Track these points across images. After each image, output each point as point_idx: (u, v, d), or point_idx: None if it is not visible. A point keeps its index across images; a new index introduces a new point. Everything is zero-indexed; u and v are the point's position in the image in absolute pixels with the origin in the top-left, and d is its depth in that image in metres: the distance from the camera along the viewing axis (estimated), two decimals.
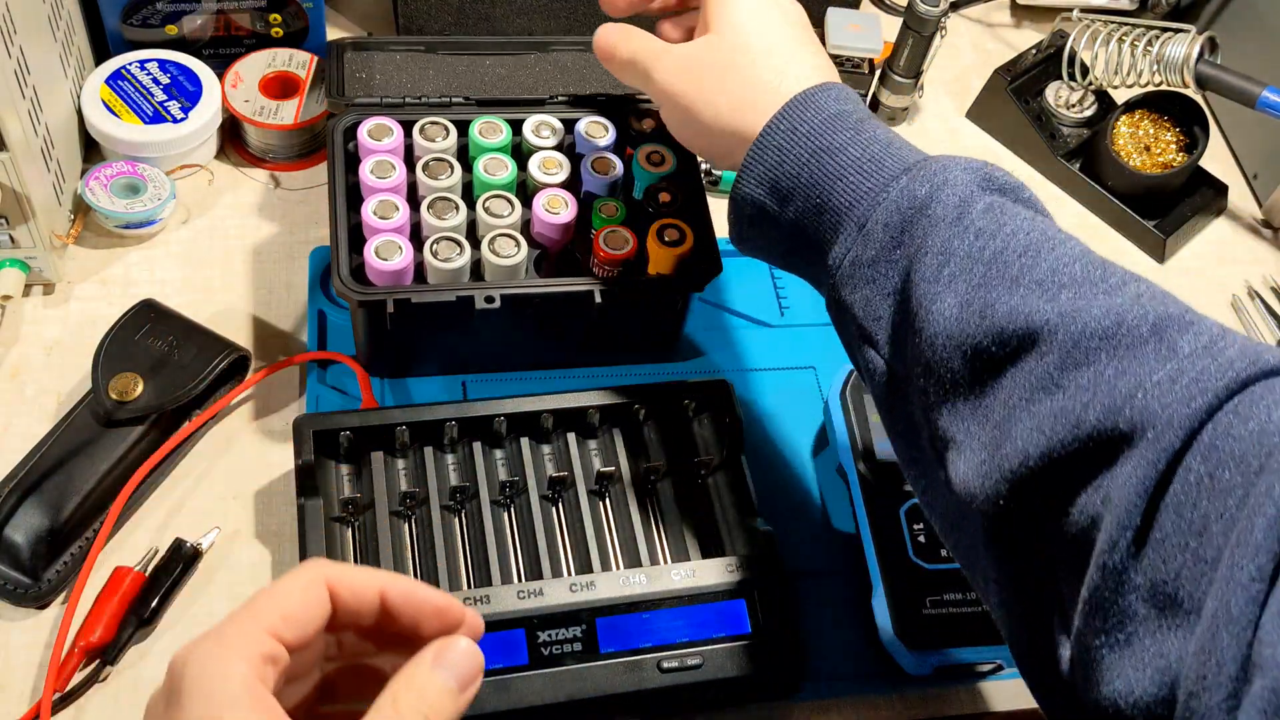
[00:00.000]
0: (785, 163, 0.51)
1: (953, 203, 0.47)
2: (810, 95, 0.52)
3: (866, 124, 0.52)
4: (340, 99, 0.72)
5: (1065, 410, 0.40)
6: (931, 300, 0.45)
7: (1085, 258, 0.45)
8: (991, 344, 0.43)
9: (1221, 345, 0.40)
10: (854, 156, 0.50)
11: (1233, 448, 0.37)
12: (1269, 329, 0.86)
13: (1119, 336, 0.41)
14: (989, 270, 0.45)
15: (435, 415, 0.65)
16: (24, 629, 0.61)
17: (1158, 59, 0.86)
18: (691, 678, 0.58)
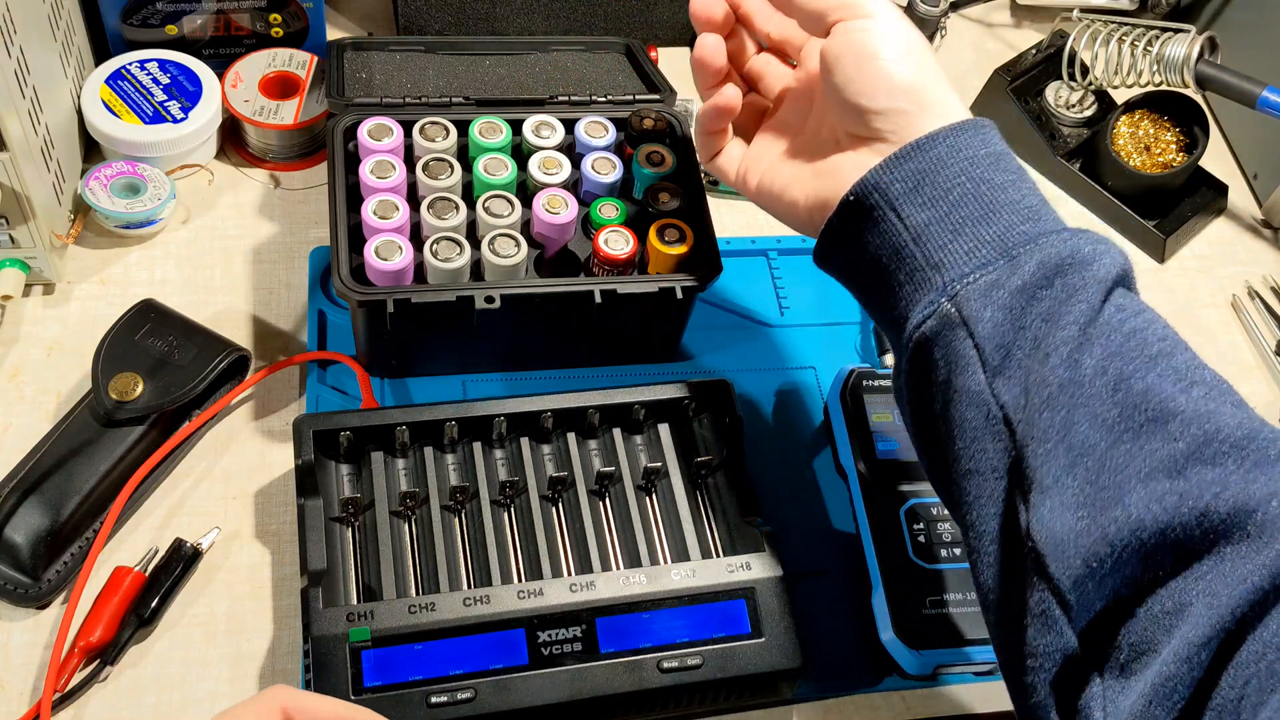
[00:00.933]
0: (941, 174, 0.49)
1: (1112, 274, 0.46)
2: (980, 124, 0.51)
3: (1024, 174, 0.50)
4: (340, 99, 0.72)
5: (1191, 493, 0.40)
6: (1070, 350, 0.44)
7: (1212, 369, 0.45)
8: (1120, 414, 0.43)
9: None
10: (1012, 199, 0.49)
11: None
12: (1269, 329, 0.86)
13: (1250, 449, 0.41)
14: (1128, 343, 0.44)
15: (435, 415, 0.65)
16: (24, 629, 0.61)
17: (1158, 59, 0.86)
18: (691, 678, 0.58)
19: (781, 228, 0.86)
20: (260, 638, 0.62)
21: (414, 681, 0.55)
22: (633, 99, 0.76)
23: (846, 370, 0.71)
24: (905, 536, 0.65)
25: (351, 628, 0.56)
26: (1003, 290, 0.46)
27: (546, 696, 0.56)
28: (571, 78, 0.79)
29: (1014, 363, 0.46)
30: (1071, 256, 0.46)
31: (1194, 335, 0.86)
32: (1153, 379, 0.43)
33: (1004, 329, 0.46)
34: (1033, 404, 0.45)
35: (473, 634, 0.57)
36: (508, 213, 0.68)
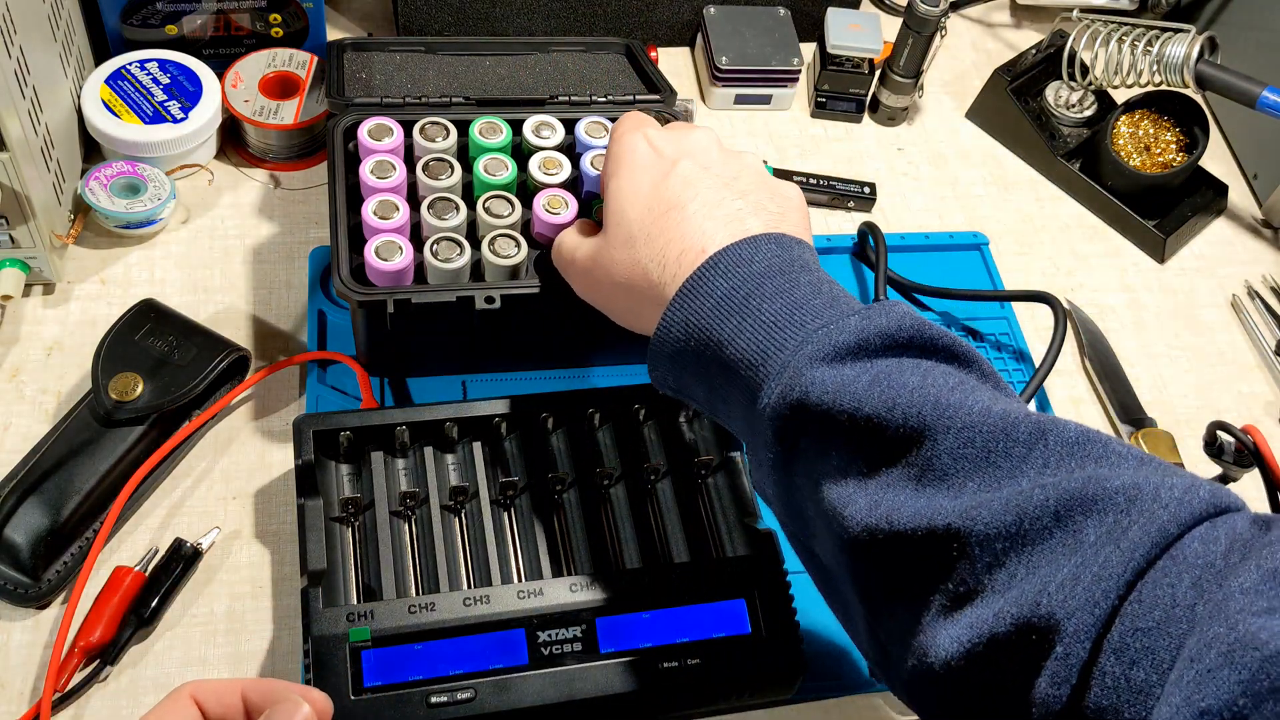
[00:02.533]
0: (682, 358, 0.51)
1: (826, 398, 0.45)
2: (696, 282, 0.50)
3: (753, 299, 0.48)
4: (340, 99, 0.72)
5: (979, 619, 0.40)
6: (841, 508, 0.44)
7: (983, 424, 0.43)
8: (906, 551, 0.42)
9: (1125, 524, 0.39)
10: (730, 362, 0.48)
11: (1144, 643, 0.37)
12: (1269, 329, 0.86)
13: (1022, 534, 0.40)
14: (875, 467, 0.44)
15: (435, 415, 0.65)
16: (24, 629, 0.61)
17: (1158, 59, 0.86)
18: (691, 678, 0.58)
19: None
20: (260, 638, 0.62)
21: (414, 681, 0.55)
22: (633, 99, 0.76)
23: None
24: None
25: (351, 628, 0.56)
26: (763, 469, 0.49)
27: (546, 696, 0.56)
28: (571, 78, 0.79)
29: (807, 526, 0.48)
30: (787, 402, 0.46)
31: (1194, 335, 0.86)
32: (921, 503, 0.42)
33: (790, 504, 0.49)
34: (835, 560, 0.47)
35: (473, 634, 0.57)
36: (508, 213, 0.68)
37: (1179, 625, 0.37)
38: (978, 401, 0.44)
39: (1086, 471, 0.41)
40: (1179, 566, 0.38)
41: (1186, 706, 0.34)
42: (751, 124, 0.93)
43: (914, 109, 0.96)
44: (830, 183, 0.87)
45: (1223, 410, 0.81)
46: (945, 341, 0.47)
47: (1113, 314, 0.86)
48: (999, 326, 0.82)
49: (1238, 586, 0.36)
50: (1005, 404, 0.44)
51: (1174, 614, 0.37)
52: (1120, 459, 0.41)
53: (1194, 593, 0.37)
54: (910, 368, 0.45)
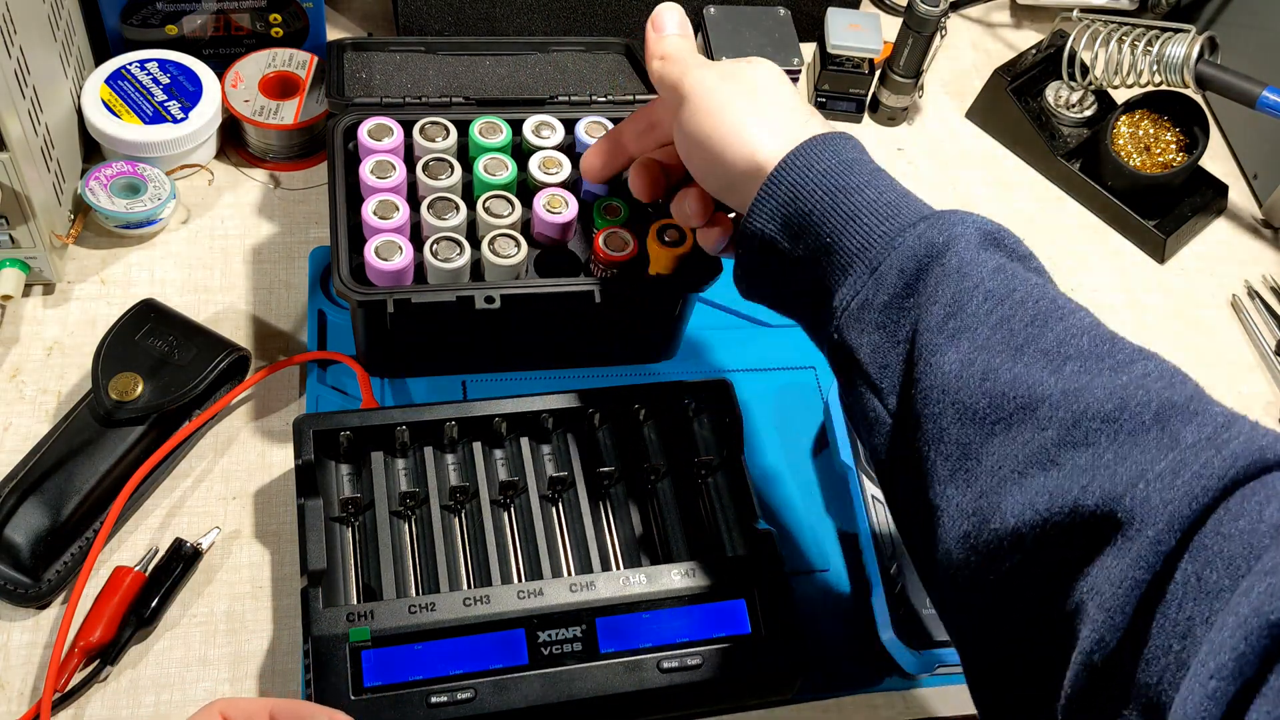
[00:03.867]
0: (799, 199, 0.50)
1: (967, 257, 0.46)
2: (828, 138, 0.52)
3: (881, 173, 0.51)
4: (340, 99, 0.72)
5: (1061, 489, 0.40)
6: (933, 352, 0.45)
7: (1094, 330, 0.44)
8: (989, 408, 0.43)
9: (1226, 437, 0.39)
10: (869, 199, 0.49)
11: (1222, 547, 0.37)
12: (1269, 329, 0.86)
13: (1121, 421, 0.40)
14: (994, 334, 0.44)
15: (435, 415, 0.65)
16: (24, 629, 0.61)
17: (1158, 59, 0.86)
18: (691, 678, 0.58)
19: None
20: (260, 638, 0.62)
21: (414, 681, 0.55)
22: (633, 99, 0.76)
23: None
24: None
25: (351, 628, 0.56)
26: (872, 310, 0.48)
27: (546, 696, 0.56)
28: (571, 78, 0.79)
29: (894, 377, 0.47)
30: (927, 252, 0.47)
31: (1194, 335, 0.86)
32: (1020, 369, 0.43)
33: (882, 349, 0.48)
34: (909, 416, 0.46)
35: (473, 634, 0.57)
36: (508, 213, 0.68)
37: (1261, 540, 0.36)
38: (1089, 315, 0.46)
39: (1190, 393, 0.41)
40: (1268, 492, 0.38)
41: (1255, 616, 0.34)
42: None
43: (914, 109, 0.96)
44: None
45: None
46: (1040, 264, 0.49)
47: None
48: None
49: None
50: (1100, 323, 0.46)
51: (1259, 529, 0.37)
52: (1205, 396, 0.42)
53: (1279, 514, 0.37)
54: (1024, 270, 0.47)
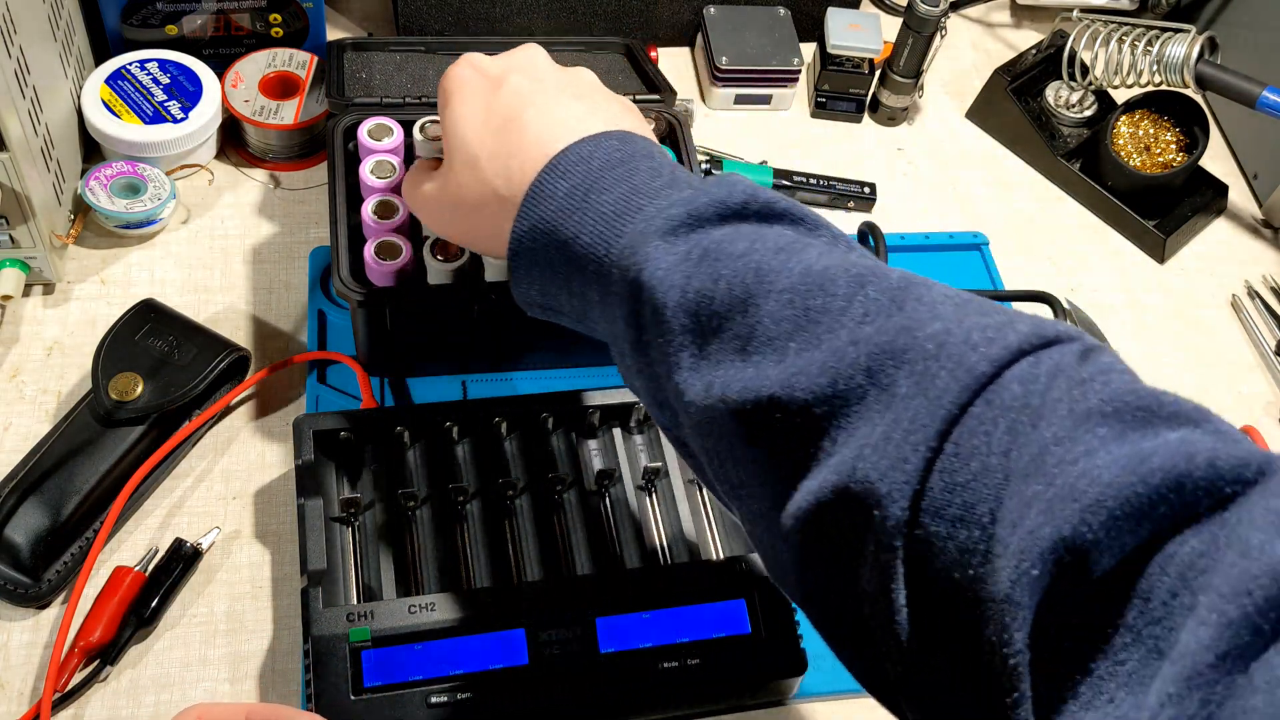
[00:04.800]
0: (536, 265, 0.49)
1: (659, 280, 0.43)
2: (536, 190, 0.48)
3: (592, 194, 0.47)
4: (340, 99, 0.72)
5: (810, 491, 0.38)
6: (683, 392, 0.43)
7: (804, 283, 0.41)
8: (741, 426, 0.41)
9: (935, 370, 0.37)
10: (586, 243, 0.46)
11: (963, 499, 0.35)
12: (1269, 329, 0.86)
13: (839, 395, 0.38)
14: (706, 343, 0.42)
15: (435, 415, 0.65)
16: (24, 629, 0.61)
17: (1158, 59, 0.86)
18: (691, 678, 0.58)
19: None
20: (260, 638, 0.62)
21: (414, 681, 0.55)
22: (633, 99, 0.76)
23: None
24: None
25: (351, 628, 0.56)
26: (627, 354, 0.47)
27: (546, 696, 0.56)
28: None
29: (673, 417, 0.46)
30: (631, 290, 0.44)
31: (1194, 335, 0.86)
32: (749, 374, 0.41)
33: (650, 391, 0.47)
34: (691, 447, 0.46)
35: (473, 634, 0.57)
36: None
37: (994, 476, 0.35)
38: (802, 260, 0.42)
39: (899, 320, 0.38)
40: (994, 411, 0.35)
41: (1018, 573, 0.33)
42: (751, 124, 0.93)
43: (914, 109, 0.96)
44: (830, 183, 0.87)
45: (1222, 410, 0.80)
46: (783, 205, 0.45)
47: (1113, 314, 0.86)
48: None
49: (1051, 436, 0.34)
50: (832, 259, 0.42)
51: (990, 464, 0.35)
52: (942, 300, 0.39)
53: (1009, 438, 0.35)
54: (743, 235, 0.43)
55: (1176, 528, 0.32)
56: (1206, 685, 0.29)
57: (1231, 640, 0.29)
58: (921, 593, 0.36)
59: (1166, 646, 0.31)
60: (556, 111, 0.51)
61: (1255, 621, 0.29)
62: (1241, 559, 0.30)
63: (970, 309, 0.39)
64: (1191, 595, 0.31)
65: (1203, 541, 0.32)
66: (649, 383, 0.46)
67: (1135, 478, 0.32)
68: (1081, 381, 0.36)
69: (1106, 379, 0.36)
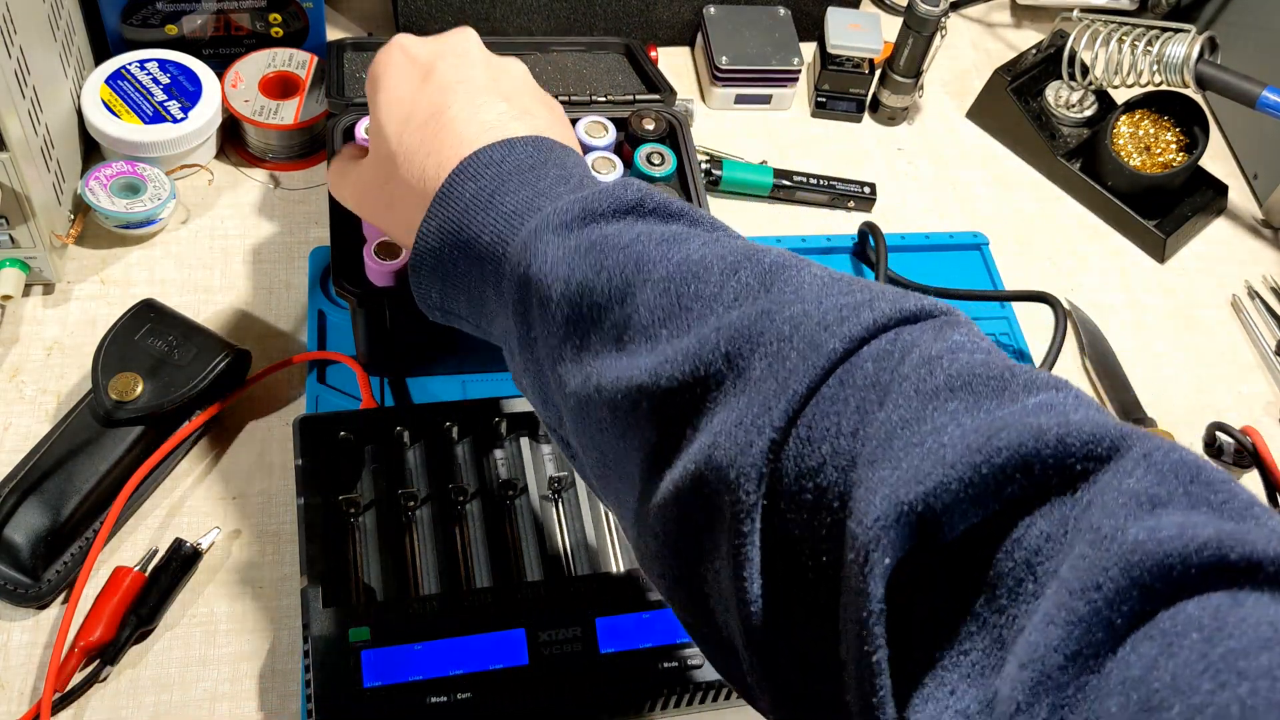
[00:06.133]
0: (439, 268, 0.48)
1: (544, 273, 0.43)
2: (446, 190, 0.48)
3: (499, 192, 0.47)
4: (340, 99, 0.72)
5: (670, 482, 0.38)
6: (564, 383, 0.43)
7: (681, 271, 0.40)
8: (615, 418, 0.40)
9: (786, 352, 0.36)
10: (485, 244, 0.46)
11: (816, 483, 0.34)
12: (1269, 329, 0.86)
13: (701, 382, 0.37)
14: (586, 335, 0.42)
15: (435, 415, 0.65)
16: (24, 629, 0.61)
17: (1158, 59, 0.86)
18: (691, 678, 0.58)
19: (781, 227, 0.86)
20: (260, 638, 0.62)
21: (414, 681, 0.55)
22: (633, 99, 0.76)
23: None
24: None
25: (351, 628, 0.56)
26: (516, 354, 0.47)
27: (546, 696, 0.56)
28: (571, 78, 0.79)
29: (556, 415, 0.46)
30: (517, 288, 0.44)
31: (1194, 335, 0.86)
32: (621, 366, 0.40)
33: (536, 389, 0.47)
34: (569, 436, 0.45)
35: (473, 634, 0.57)
36: None
37: (843, 459, 0.33)
38: (683, 250, 0.41)
39: (762, 303, 0.38)
40: (846, 391, 0.34)
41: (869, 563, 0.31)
42: (751, 124, 0.93)
43: (914, 109, 0.96)
44: (830, 183, 0.87)
45: (1222, 410, 0.81)
46: (677, 206, 0.45)
47: (1113, 314, 0.86)
48: (999, 326, 0.82)
49: (899, 417, 0.33)
50: (715, 248, 0.41)
51: (839, 446, 0.34)
52: (810, 282, 0.38)
53: (857, 418, 0.34)
54: (631, 230, 0.43)
55: (1026, 508, 0.31)
56: (1057, 689, 0.28)
57: (1081, 639, 0.28)
58: (777, 584, 0.35)
59: (1010, 637, 0.30)
60: (480, 112, 0.50)
61: (1106, 616, 0.28)
62: (1091, 548, 0.29)
63: (836, 288, 0.38)
64: (1037, 584, 0.30)
65: (1051, 524, 0.31)
66: (535, 380, 0.46)
67: (981, 457, 0.31)
68: (934, 357, 0.35)
69: (958, 354, 0.35)
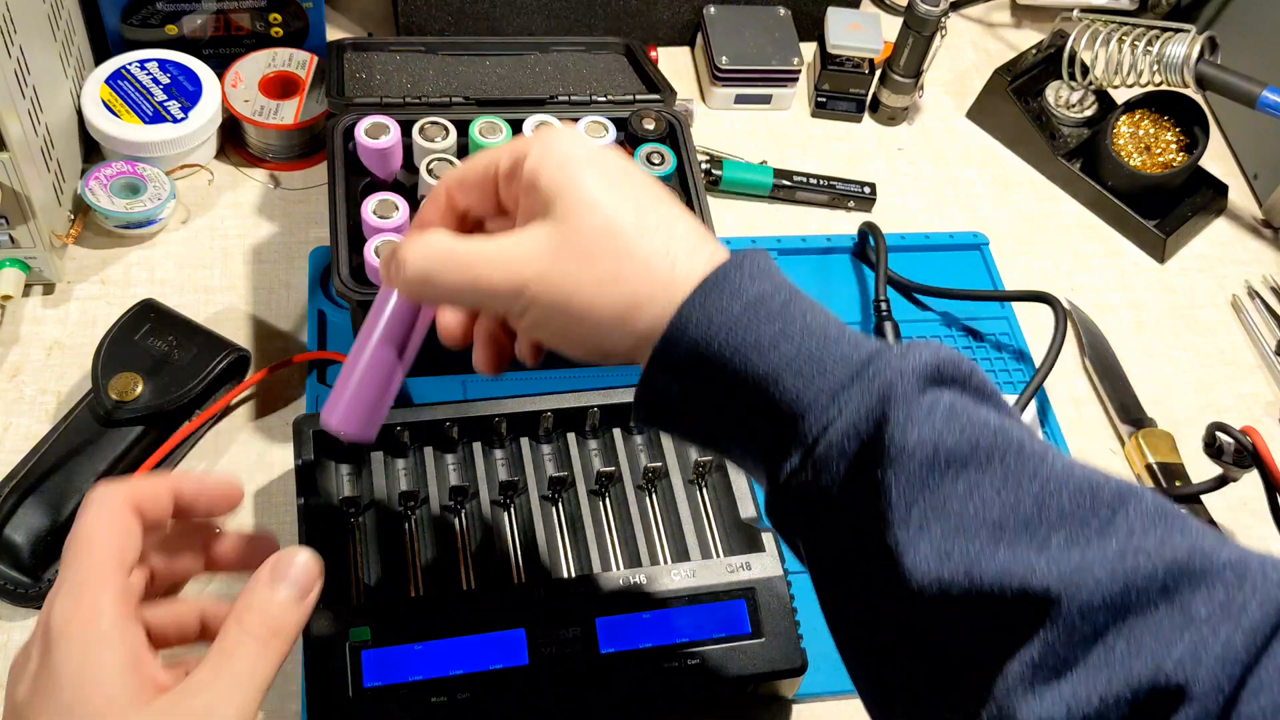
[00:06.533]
0: (703, 365, 0.41)
1: (914, 419, 0.39)
2: (720, 278, 0.42)
3: (792, 306, 0.42)
4: (340, 99, 0.72)
5: (1077, 697, 0.36)
6: (903, 553, 0.39)
7: (1068, 477, 0.39)
8: (982, 611, 0.38)
9: (1242, 600, 0.36)
10: (788, 355, 0.41)
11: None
12: (1269, 329, 0.86)
13: (1128, 605, 0.37)
14: (966, 507, 0.39)
15: (435, 415, 0.65)
16: (24, 629, 0.61)
17: (1158, 59, 0.86)
18: (691, 678, 0.58)
19: (781, 227, 0.86)
20: None
21: (414, 681, 0.55)
22: (633, 99, 0.76)
23: None
24: None
25: (351, 628, 0.56)
26: (812, 496, 0.41)
27: (546, 696, 0.56)
28: (571, 78, 0.79)
29: (846, 579, 0.43)
30: (865, 427, 0.40)
31: (1194, 335, 0.86)
32: (1004, 555, 0.38)
33: (822, 539, 0.43)
34: (884, 629, 0.42)
35: (473, 634, 0.57)
36: None
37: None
38: (1060, 457, 0.40)
39: (1190, 542, 0.38)
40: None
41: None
42: (751, 124, 0.93)
43: (914, 109, 0.96)
44: (830, 183, 0.87)
45: (1223, 410, 0.81)
46: (992, 388, 0.42)
47: (1113, 314, 0.86)
48: (999, 326, 0.82)
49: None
50: (1083, 464, 0.40)
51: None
52: (1203, 532, 0.39)
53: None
54: (975, 405, 0.40)
55: None
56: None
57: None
58: None
59: None
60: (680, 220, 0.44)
61: None
62: None
63: (1242, 546, 0.39)
64: None
65: None
66: (821, 532, 0.42)
67: None
68: None
69: None
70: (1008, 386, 0.79)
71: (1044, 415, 0.78)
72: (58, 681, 0.38)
